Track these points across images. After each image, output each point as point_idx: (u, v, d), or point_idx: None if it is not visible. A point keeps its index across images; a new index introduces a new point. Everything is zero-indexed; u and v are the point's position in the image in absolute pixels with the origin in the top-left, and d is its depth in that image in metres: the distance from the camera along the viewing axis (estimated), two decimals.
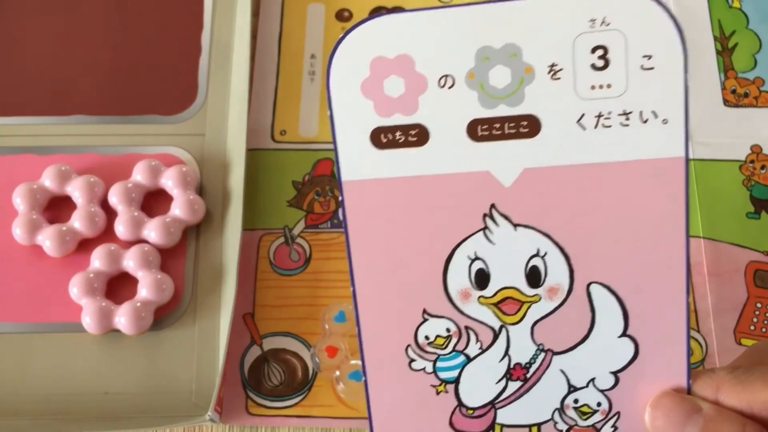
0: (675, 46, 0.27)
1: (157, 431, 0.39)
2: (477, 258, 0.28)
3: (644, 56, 0.27)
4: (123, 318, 0.40)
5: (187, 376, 0.40)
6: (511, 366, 0.29)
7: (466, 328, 0.29)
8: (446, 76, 0.27)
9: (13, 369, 0.40)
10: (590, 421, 0.29)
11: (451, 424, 0.29)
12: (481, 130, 0.27)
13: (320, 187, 0.45)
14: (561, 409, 0.29)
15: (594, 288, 0.28)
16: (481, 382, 0.29)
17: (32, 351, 0.40)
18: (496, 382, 0.29)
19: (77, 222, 0.42)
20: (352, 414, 0.40)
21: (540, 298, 0.28)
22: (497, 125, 0.27)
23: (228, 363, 0.40)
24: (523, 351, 0.29)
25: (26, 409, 0.39)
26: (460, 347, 0.29)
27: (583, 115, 0.27)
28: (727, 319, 0.42)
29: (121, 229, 0.42)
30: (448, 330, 0.29)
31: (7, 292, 0.41)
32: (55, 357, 0.40)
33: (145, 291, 0.40)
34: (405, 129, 0.27)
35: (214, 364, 0.40)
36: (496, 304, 0.29)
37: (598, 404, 0.29)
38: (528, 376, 0.29)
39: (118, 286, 0.41)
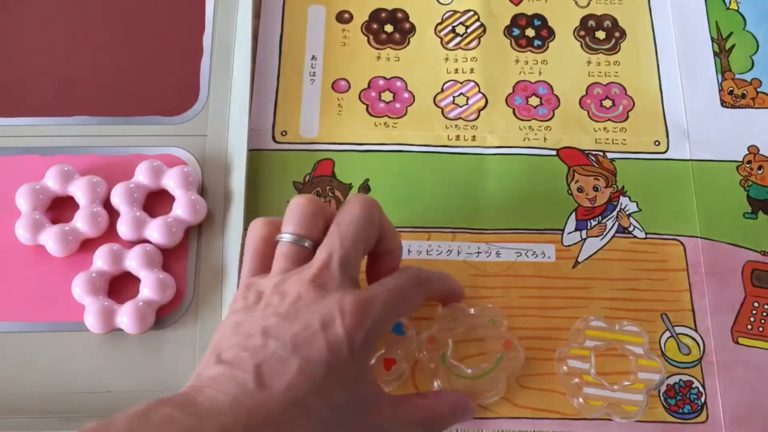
0: None
1: None
2: None
3: None
4: (125, 317, 0.40)
5: (189, 375, 0.40)
6: None
7: None
8: None
9: (17, 368, 0.40)
10: None
11: None
12: None
13: (321, 188, 0.45)
14: None
15: None
16: None
17: (35, 350, 0.40)
18: None
19: (80, 222, 0.42)
20: None
21: None
22: None
23: None
24: None
25: (30, 407, 0.39)
26: None
27: None
28: (725, 318, 0.42)
29: (123, 229, 0.42)
30: None
31: (10, 292, 0.42)
32: (58, 356, 0.40)
33: (147, 290, 0.41)
34: None
35: None
36: None
37: None
38: None
39: (120, 286, 0.42)
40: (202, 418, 0.28)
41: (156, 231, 0.42)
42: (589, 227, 0.44)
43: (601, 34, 0.50)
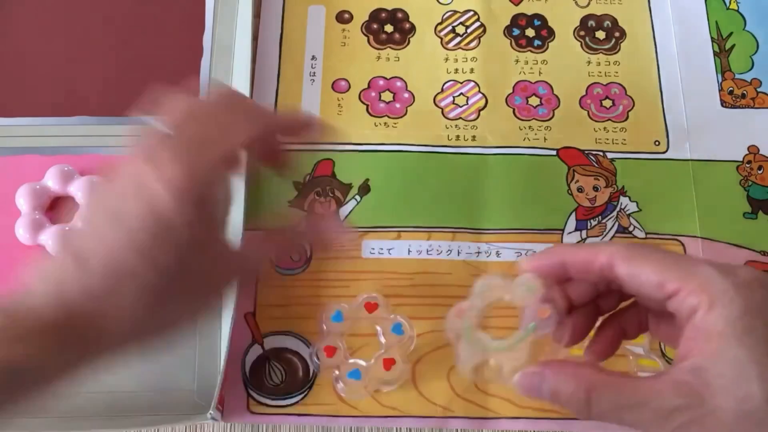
0: None
1: (159, 430, 0.39)
2: None
3: None
4: None
5: (189, 375, 0.40)
6: None
7: None
8: None
9: None
10: None
11: None
12: None
13: (321, 188, 0.45)
14: None
15: None
16: None
17: None
18: None
19: (80, 222, 0.42)
20: (353, 413, 0.40)
21: None
22: None
23: (229, 362, 0.40)
24: None
25: (31, 406, 0.39)
26: None
27: None
28: None
29: None
30: None
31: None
32: None
33: None
34: None
35: (215, 362, 0.40)
36: None
37: None
38: None
39: None
40: (18, 311, 0.27)
41: None
42: (589, 227, 0.44)
43: (601, 34, 0.50)
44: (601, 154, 0.46)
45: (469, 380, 0.35)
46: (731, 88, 0.48)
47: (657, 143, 0.47)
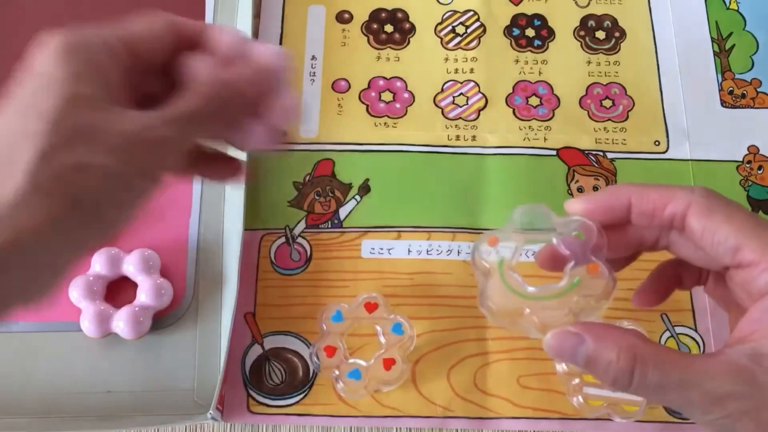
0: None
1: (159, 430, 0.39)
2: None
3: None
4: (121, 322, 0.39)
5: (189, 375, 0.40)
6: None
7: None
8: None
9: (19, 367, 0.40)
10: None
11: None
12: None
13: (321, 188, 0.45)
14: None
15: None
16: None
17: (37, 350, 0.40)
18: None
19: None
20: (353, 413, 0.40)
21: None
22: None
23: (229, 362, 0.40)
24: None
25: (31, 406, 0.39)
26: None
27: None
28: (725, 318, 0.41)
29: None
30: None
31: None
32: (59, 356, 0.40)
33: (144, 296, 0.40)
34: None
35: (215, 362, 0.40)
36: None
37: None
38: None
39: (117, 290, 0.42)
40: None
41: None
42: None
43: (601, 34, 0.50)
44: (601, 154, 0.46)
45: (490, 322, 0.29)
46: (731, 88, 0.48)
47: (657, 143, 0.47)
